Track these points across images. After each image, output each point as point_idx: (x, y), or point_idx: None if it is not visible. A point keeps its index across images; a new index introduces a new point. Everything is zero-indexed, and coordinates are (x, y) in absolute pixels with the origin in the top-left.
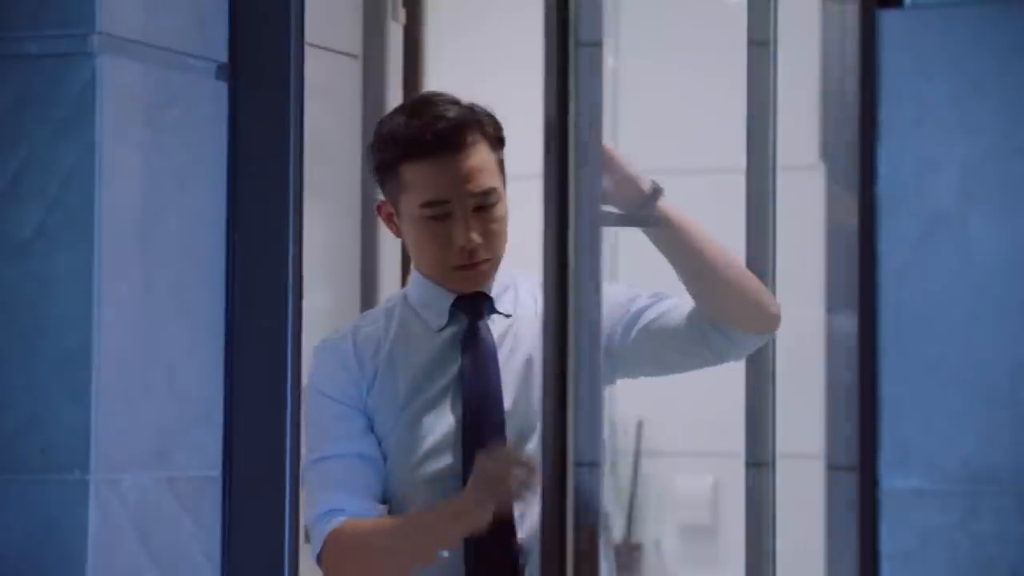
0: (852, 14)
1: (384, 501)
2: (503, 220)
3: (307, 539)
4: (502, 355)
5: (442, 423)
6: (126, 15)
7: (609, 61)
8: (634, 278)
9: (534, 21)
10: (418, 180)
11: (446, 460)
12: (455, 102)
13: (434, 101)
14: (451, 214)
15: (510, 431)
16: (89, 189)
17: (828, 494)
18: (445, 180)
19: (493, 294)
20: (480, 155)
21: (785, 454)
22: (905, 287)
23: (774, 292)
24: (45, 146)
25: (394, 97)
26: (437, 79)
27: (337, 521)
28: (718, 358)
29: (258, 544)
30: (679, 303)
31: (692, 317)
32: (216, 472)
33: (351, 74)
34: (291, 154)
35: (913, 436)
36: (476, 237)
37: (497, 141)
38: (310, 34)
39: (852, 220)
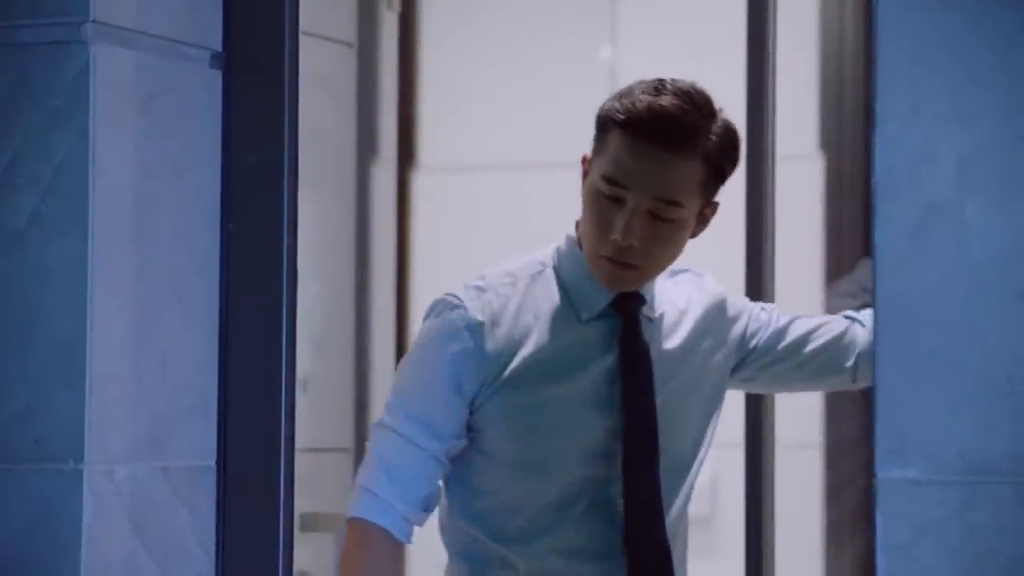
0: (851, 2)
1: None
2: (673, 237)
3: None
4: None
5: (590, 425)
6: (120, 4)
7: (606, 50)
8: None
9: (528, 9)
10: (616, 152)
11: (591, 469)
12: (698, 107)
13: (685, 91)
14: (623, 203)
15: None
16: (83, 178)
17: None
18: (635, 168)
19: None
20: (683, 167)
21: (783, 444)
22: (902, 277)
23: (772, 280)
24: (39, 134)
25: (389, 86)
26: (432, 67)
27: (369, 513)
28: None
29: (252, 534)
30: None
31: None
32: (211, 462)
33: (346, 63)
34: (286, 143)
35: (910, 426)
36: (634, 240)
37: (714, 168)
38: (304, 22)
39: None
